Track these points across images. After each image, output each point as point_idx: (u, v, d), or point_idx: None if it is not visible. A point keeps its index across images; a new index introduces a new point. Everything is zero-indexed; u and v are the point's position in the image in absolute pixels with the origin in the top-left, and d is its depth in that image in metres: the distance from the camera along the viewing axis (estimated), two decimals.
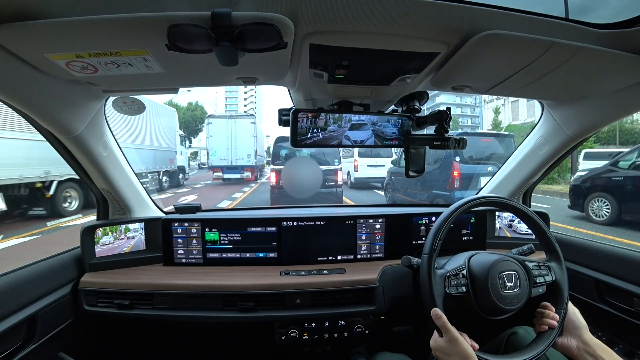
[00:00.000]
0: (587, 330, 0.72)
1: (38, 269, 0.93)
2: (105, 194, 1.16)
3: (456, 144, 0.87)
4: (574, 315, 0.75)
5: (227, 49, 0.52)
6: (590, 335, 0.72)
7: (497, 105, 25.00)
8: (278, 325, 1.07)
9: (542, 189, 8.86)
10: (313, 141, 0.80)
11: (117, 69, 0.64)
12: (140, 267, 1.15)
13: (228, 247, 1.19)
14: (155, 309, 1.02)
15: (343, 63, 0.67)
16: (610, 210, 5.34)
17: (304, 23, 0.54)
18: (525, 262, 0.82)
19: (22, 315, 0.84)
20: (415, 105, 0.90)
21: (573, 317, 0.75)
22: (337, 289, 1.05)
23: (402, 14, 0.53)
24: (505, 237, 1.33)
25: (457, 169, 5.34)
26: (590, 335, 0.71)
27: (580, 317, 0.75)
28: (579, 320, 0.74)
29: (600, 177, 5.67)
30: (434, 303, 0.75)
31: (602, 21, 0.59)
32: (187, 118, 34.38)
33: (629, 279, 0.98)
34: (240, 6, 0.49)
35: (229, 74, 0.72)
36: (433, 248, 0.79)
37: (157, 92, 0.85)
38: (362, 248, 1.23)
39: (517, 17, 0.55)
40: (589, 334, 0.72)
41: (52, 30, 0.51)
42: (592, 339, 0.70)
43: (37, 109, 0.77)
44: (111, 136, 1.05)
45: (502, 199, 0.87)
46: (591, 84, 0.81)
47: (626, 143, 12.40)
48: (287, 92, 0.95)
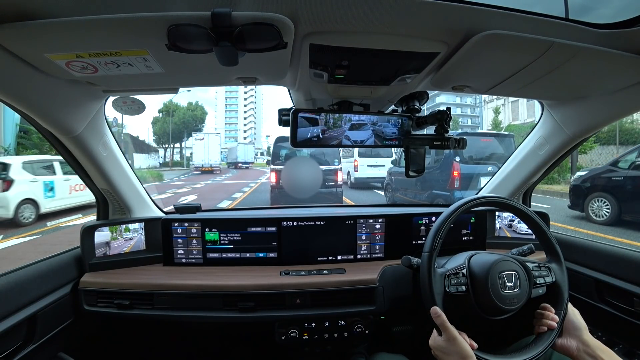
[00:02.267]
0: (587, 331, 0.72)
1: (38, 269, 0.93)
2: (105, 194, 1.16)
3: (456, 144, 0.87)
4: (574, 316, 0.75)
5: (227, 49, 0.52)
6: (590, 335, 0.71)
7: (497, 105, 24.98)
8: (278, 325, 1.07)
9: (542, 189, 8.86)
10: (313, 141, 0.80)
11: (117, 69, 0.64)
12: (140, 267, 1.15)
13: (228, 247, 1.19)
14: (155, 309, 1.02)
15: (343, 63, 0.67)
16: (610, 210, 5.33)
17: (304, 23, 0.54)
18: (526, 263, 0.82)
19: (22, 315, 0.84)
20: (415, 105, 0.90)
21: (573, 317, 0.75)
22: (337, 289, 1.05)
23: (402, 14, 0.53)
24: (505, 237, 1.33)
25: (457, 169, 5.34)
26: (589, 336, 0.71)
27: (579, 317, 0.75)
28: (578, 321, 0.74)
29: (600, 177, 5.66)
30: (434, 301, 0.75)
31: (602, 21, 0.59)
32: (187, 118, 34.39)
33: (629, 279, 0.98)
34: (240, 6, 0.49)
35: (229, 74, 0.72)
36: (433, 247, 0.79)
37: (157, 92, 0.85)
38: (362, 248, 1.23)
39: (517, 17, 0.55)
40: (588, 335, 0.71)
41: (52, 30, 0.51)
42: (591, 340, 0.70)
43: (37, 109, 0.77)
44: (111, 136, 1.05)
45: (502, 199, 0.87)
46: (591, 84, 0.81)
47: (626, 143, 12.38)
48: (287, 92, 0.95)
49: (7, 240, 4.98)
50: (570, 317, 0.75)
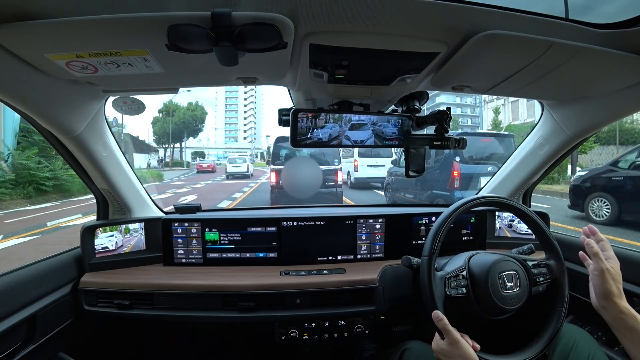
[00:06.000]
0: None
1: (38, 269, 0.93)
2: (105, 194, 1.16)
3: (456, 144, 0.87)
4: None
5: (227, 49, 0.52)
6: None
7: (497, 105, 24.99)
8: (278, 325, 1.07)
9: (542, 189, 8.86)
10: (313, 141, 0.81)
11: (117, 69, 0.64)
12: (140, 267, 1.15)
13: (228, 247, 1.19)
14: (155, 309, 1.02)
15: (343, 63, 0.67)
16: (610, 210, 5.33)
17: (304, 23, 0.54)
18: (525, 262, 0.82)
19: (22, 315, 0.84)
20: (415, 105, 0.90)
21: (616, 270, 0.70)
22: (337, 289, 1.05)
23: (402, 14, 0.53)
24: (505, 237, 1.33)
25: (457, 169, 5.34)
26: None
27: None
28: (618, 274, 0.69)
29: (600, 177, 5.66)
30: (435, 305, 0.74)
31: (602, 21, 0.59)
32: (187, 118, 34.45)
33: (629, 279, 0.98)
34: (240, 6, 0.49)
35: (229, 74, 0.72)
36: (432, 250, 0.79)
37: (157, 92, 0.85)
38: (362, 248, 1.23)
39: (517, 17, 0.55)
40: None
41: (52, 30, 0.51)
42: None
43: (37, 109, 0.77)
44: (111, 136, 1.05)
45: (502, 199, 0.87)
46: (591, 84, 0.81)
47: (626, 143, 12.38)
48: (287, 92, 0.95)
49: (7, 240, 4.98)
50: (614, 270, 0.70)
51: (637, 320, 0.64)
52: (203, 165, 24.58)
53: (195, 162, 34.34)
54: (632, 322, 0.64)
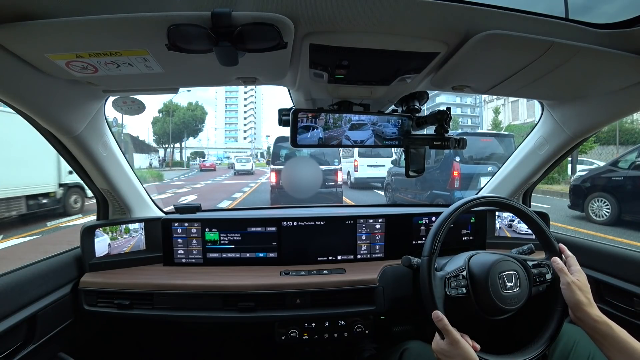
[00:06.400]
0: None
1: (38, 269, 0.93)
2: (105, 194, 1.16)
3: (456, 144, 0.87)
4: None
5: (227, 49, 0.52)
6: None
7: (497, 105, 24.99)
8: (278, 325, 1.07)
9: (542, 189, 8.86)
10: (313, 141, 0.80)
11: (117, 69, 0.64)
12: (140, 267, 1.15)
13: (228, 247, 1.19)
14: (155, 309, 1.02)
15: (343, 63, 0.67)
16: (610, 210, 5.33)
17: (303, 23, 0.54)
18: (525, 262, 0.82)
19: (22, 315, 0.84)
20: (415, 105, 0.90)
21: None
22: (337, 289, 1.05)
23: (402, 14, 0.53)
24: (505, 237, 1.33)
25: (457, 169, 5.34)
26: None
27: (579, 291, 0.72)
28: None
29: (600, 177, 5.66)
30: (435, 305, 0.74)
31: (602, 21, 0.59)
32: (187, 118, 34.47)
33: (629, 279, 0.98)
34: (240, 6, 0.49)
35: (229, 74, 0.72)
36: (432, 250, 0.79)
37: (157, 92, 0.85)
38: (362, 248, 1.23)
39: (517, 17, 0.55)
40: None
41: (52, 30, 0.51)
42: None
43: (37, 109, 0.77)
44: (111, 136, 1.05)
45: (502, 199, 0.87)
46: (591, 84, 0.81)
47: (626, 143, 12.38)
48: (287, 92, 0.95)
49: (7, 240, 4.98)
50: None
51: (609, 327, 0.65)
52: (206, 165, 29.69)
53: (194, 162, 40.54)
54: (605, 329, 0.65)
